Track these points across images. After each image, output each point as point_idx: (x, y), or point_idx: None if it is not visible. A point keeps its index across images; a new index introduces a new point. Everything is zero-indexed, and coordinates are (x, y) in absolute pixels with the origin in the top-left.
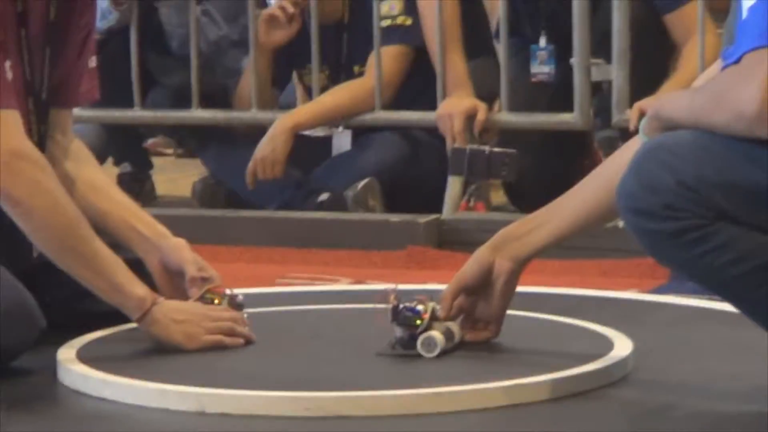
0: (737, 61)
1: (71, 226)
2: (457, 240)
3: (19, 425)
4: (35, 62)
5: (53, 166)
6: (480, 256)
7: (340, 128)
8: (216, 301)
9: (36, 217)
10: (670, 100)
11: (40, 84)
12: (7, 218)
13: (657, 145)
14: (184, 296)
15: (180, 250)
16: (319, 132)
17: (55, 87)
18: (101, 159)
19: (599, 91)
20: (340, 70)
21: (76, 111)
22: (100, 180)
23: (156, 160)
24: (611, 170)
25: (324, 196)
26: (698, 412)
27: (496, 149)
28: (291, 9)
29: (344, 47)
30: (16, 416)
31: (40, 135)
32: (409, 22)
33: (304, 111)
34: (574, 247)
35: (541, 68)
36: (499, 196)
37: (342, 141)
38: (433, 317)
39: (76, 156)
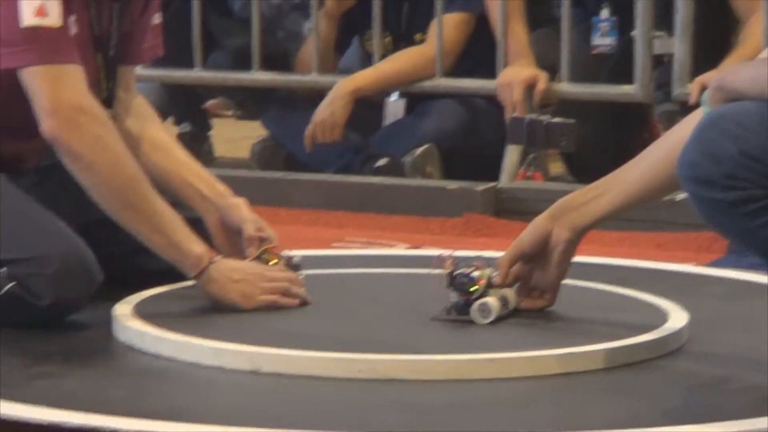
0: None
1: (131, 182)
2: (514, 209)
3: (74, 379)
4: (103, 18)
5: (116, 123)
6: (538, 224)
7: (394, 96)
8: (273, 262)
9: (96, 172)
10: (734, 71)
11: (108, 40)
12: (69, 173)
13: (720, 114)
14: (241, 256)
15: (239, 210)
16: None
17: (119, 43)
18: (161, 118)
19: (660, 64)
20: (400, 38)
21: (137, 69)
22: (163, 138)
23: (215, 122)
24: (671, 142)
25: (382, 162)
26: (752, 385)
27: (556, 119)
28: None
29: (405, 15)
30: (72, 370)
31: (109, 91)
32: None
33: (364, 76)
34: (630, 218)
35: (603, 40)
36: (557, 167)
37: (395, 109)
38: (489, 284)
39: (138, 113)
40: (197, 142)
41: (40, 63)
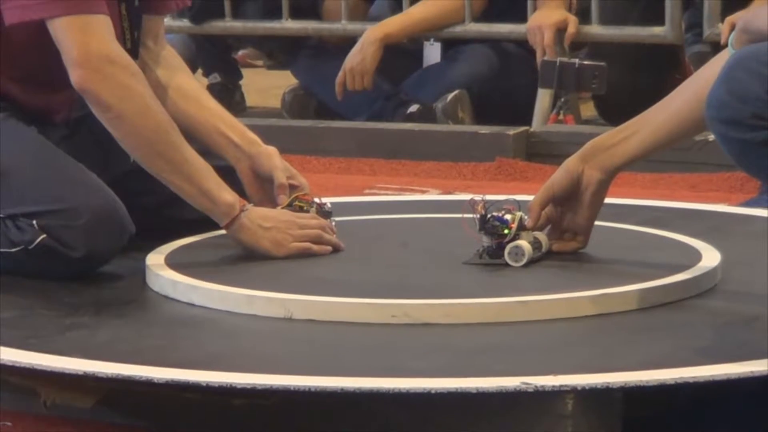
0: None
1: (161, 132)
2: (545, 152)
3: (108, 330)
4: None
5: (144, 73)
6: (569, 166)
7: (431, 41)
8: (304, 209)
9: (126, 122)
10: (758, 13)
11: None
12: (99, 124)
13: (746, 54)
14: (273, 204)
15: (270, 158)
16: None
17: None
18: (191, 70)
19: (691, 5)
20: None
21: (166, 21)
22: (192, 87)
23: (246, 71)
24: (701, 82)
25: (413, 108)
26: None
27: (586, 62)
28: None
29: None
30: (105, 321)
31: (134, 41)
32: None
33: (393, 22)
34: (663, 160)
35: None
36: (588, 109)
37: (432, 53)
38: (521, 227)
39: (167, 63)
40: (228, 93)
41: (68, 13)
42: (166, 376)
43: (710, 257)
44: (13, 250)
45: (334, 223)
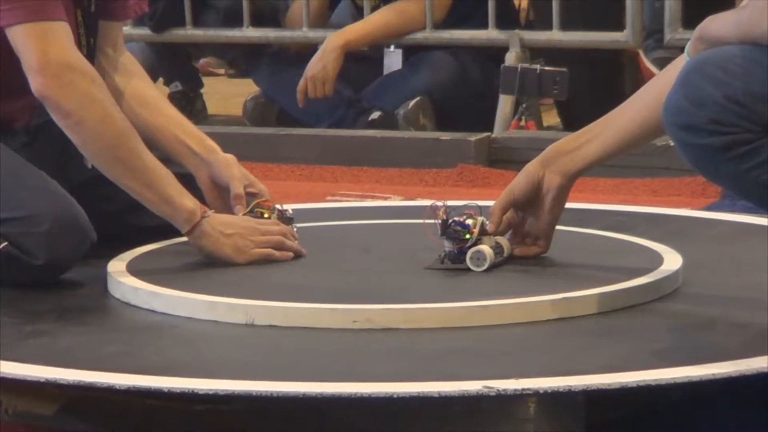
0: None
1: (121, 138)
2: (507, 158)
3: (69, 336)
4: None
5: (103, 80)
6: (529, 170)
7: (392, 47)
8: (265, 215)
9: (86, 128)
10: (714, 20)
11: None
12: (59, 131)
13: (704, 60)
14: (233, 211)
15: (228, 167)
16: None
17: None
18: (151, 79)
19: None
20: None
21: (126, 30)
22: (151, 94)
23: (207, 80)
24: (660, 86)
25: (375, 115)
26: (745, 324)
27: (547, 68)
28: None
29: None
30: (67, 328)
31: (89, 47)
32: None
33: (354, 29)
34: (624, 165)
35: None
36: (551, 116)
37: (393, 60)
38: (483, 232)
39: (126, 70)
40: (189, 102)
41: (26, 21)
42: (127, 382)
43: (672, 261)
44: None
45: (295, 229)
